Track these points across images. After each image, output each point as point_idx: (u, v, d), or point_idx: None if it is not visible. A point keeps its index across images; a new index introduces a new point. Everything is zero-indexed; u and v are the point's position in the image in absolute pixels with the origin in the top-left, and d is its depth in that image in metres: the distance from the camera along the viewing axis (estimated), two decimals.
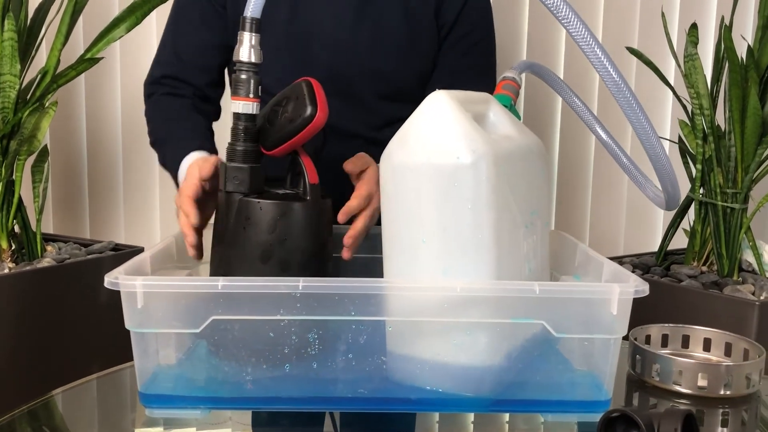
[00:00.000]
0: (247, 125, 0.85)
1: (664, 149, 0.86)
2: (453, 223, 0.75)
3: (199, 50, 1.17)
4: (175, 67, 1.18)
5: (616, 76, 0.78)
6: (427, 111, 0.77)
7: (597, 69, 0.80)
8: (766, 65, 1.40)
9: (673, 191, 0.92)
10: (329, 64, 1.13)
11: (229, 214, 0.85)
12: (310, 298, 0.71)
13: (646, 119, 0.81)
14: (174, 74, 1.18)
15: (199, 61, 1.17)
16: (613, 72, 0.78)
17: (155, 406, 0.76)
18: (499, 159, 0.76)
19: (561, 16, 0.75)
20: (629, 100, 0.80)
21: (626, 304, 0.73)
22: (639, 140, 0.84)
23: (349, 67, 1.14)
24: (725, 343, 0.95)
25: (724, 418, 0.82)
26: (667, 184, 0.90)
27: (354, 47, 1.14)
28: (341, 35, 1.13)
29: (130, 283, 0.70)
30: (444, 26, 1.18)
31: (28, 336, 1.33)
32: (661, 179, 0.90)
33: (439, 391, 0.77)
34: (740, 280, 1.43)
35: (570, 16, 0.75)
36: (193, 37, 1.17)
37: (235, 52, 0.83)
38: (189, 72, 1.17)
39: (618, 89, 0.79)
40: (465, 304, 0.74)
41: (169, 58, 1.19)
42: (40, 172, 1.48)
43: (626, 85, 0.80)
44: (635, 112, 0.80)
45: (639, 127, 0.82)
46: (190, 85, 1.18)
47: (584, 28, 0.76)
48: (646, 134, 0.82)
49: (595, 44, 0.77)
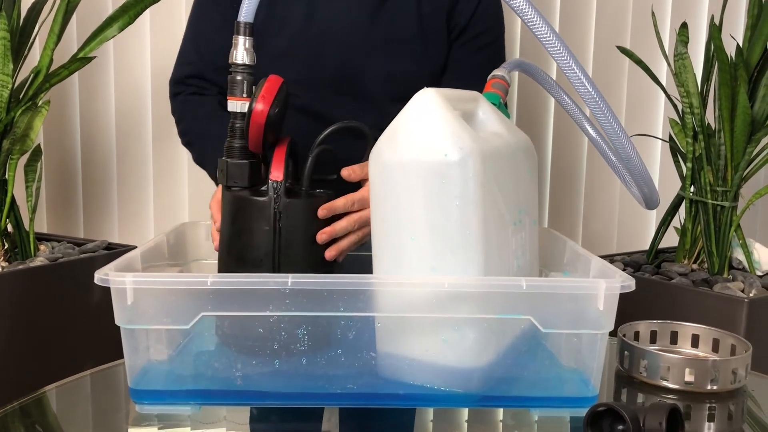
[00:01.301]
0: (242, 123, 0.86)
1: (636, 150, 0.86)
2: (441, 220, 0.76)
3: (221, 50, 1.14)
4: (199, 67, 1.20)
5: (580, 74, 0.79)
6: (416, 109, 0.78)
7: (563, 69, 0.81)
8: (755, 64, 1.41)
9: (649, 191, 0.92)
10: (343, 66, 1.14)
11: (228, 210, 0.86)
12: (300, 295, 0.72)
13: (615, 120, 0.82)
14: (198, 74, 1.20)
15: (222, 61, 1.15)
16: (577, 69, 0.78)
17: (146, 402, 0.77)
18: (487, 156, 0.77)
19: (516, 7, 0.75)
20: (597, 101, 0.81)
21: (613, 299, 0.74)
22: (610, 141, 0.85)
23: (362, 69, 1.15)
24: (713, 339, 0.95)
25: (710, 412, 0.82)
26: (641, 185, 0.91)
27: (367, 49, 1.14)
28: (355, 37, 1.13)
29: (120, 279, 0.71)
30: (456, 27, 1.19)
31: (21, 335, 1.34)
32: (635, 180, 0.91)
33: (427, 387, 0.77)
34: (730, 277, 1.44)
35: (528, 10, 0.75)
36: (215, 37, 1.17)
37: (230, 55, 0.86)
38: (212, 72, 1.18)
39: (585, 90, 0.79)
40: (453, 300, 0.74)
41: (193, 58, 1.21)
42: (33, 172, 1.49)
43: (594, 87, 0.80)
44: (604, 113, 0.81)
45: (609, 128, 0.83)
46: (214, 85, 1.20)
47: (548, 28, 0.76)
48: (615, 134, 0.83)
49: (556, 39, 0.77)
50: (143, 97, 1.82)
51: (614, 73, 1.93)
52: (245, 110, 0.87)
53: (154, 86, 1.81)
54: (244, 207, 0.85)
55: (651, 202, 0.96)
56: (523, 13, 0.75)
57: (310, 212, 0.86)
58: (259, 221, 0.84)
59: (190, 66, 1.21)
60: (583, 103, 0.85)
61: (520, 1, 0.74)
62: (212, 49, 1.18)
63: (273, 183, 0.85)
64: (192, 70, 1.21)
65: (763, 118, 1.41)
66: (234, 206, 0.86)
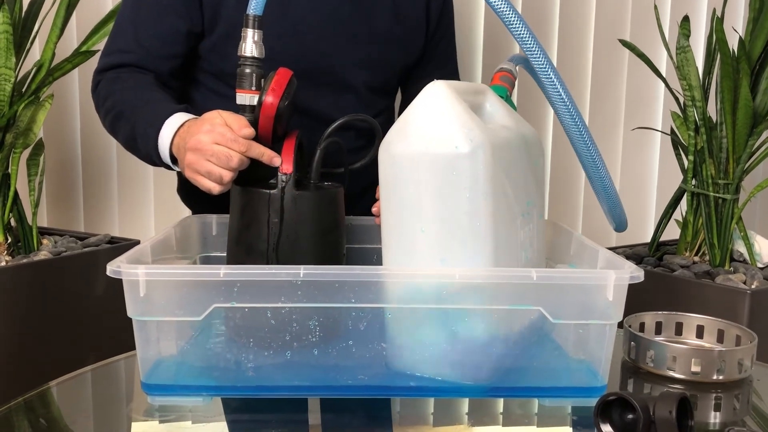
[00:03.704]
0: (251, 116, 0.87)
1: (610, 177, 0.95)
2: (451, 212, 0.76)
3: (162, 38, 1.09)
4: (137, 54, 1.09)
5: (552, 74, 0.85)
6: (426, 101, 0.78)
7: (541, 79, 0.87)
8: (757, 57, 1.42)
9: (614, 210, 1.00)
10: (324, 56, 1.14)
11: (237, 202, 0.87)
12: (311, 286, 0.72)
13: (594, 146, 0.89)
14: (134, 62, 1.10)
15: (163, 50, 1.09)
16: (549, 69, 0.84)
17: (157, 394, 0.77)
18: (496, 148, 0.77)
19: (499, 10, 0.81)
20: (582, 133, 0.88)
21: (622, 290, 0.74)
22: (576, 150, 0.90)
23: (344, 59, 1.15)
24: (718, 329, 0.96)
25: (716, 402, 0.83)
26: (613, 207, 0.99)
27: (349, 39, 1.14)
28: (333, 27, 1.13)
29: (133, 271, 0.71)
30: (431, 21, 1.24)
31: (25, 329, 1.34)
32: (610, 206, 0.99)
33: (438, 378, 0.78)
34: (732, 269, 1.45)
35: (510, 13, 0.81)
36: (158, 24, 1.09)
37: (239, 48, 0.86)
38: (151, 60, 1.09)
39: (563, 104, 0.86)
40: (463, 292, 0.75)
41: (130, 46, 1.10)
42: (35, 166, 1.48)
43: (572, 103, 0.87)
44: (583, 139, 0.88)
45: (586, 156, 0.89)
46: (151, 72, 1.10)
47: (529, 36, 0.82)
48: (583, 140, 0.89)
49: (534, 42, 0.83)
50: None
51: (614, 66, 1.94)
52: (254, 103, 0.87)
53: None
54: (254, 199, 0.85)
55: (620, 223, 1.03)
56: (510, 23, 0.79)
57: (319, 204, 0.86)
58: (268, 213, 0.84)
59: (124, 54, 1.10)
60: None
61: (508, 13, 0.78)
62: (152, 35, 1.09)
63: (282, 175, 0.85)
64: (126, 59, 1.10)
65: (764, 110, 1.42)
66: (243, 198, 0.86)
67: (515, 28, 0.81)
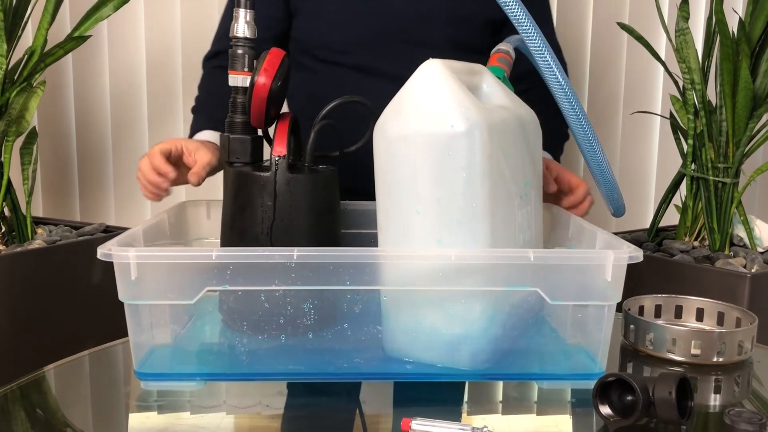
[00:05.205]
0: (244, 98, 0.85)
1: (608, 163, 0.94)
2: (447, 192, 0.75)
3: (259, 22, 1.16)
4: (226, 41, 1.18)
5: (549, 58, 0.83)
6: (421, 80, 0.77)
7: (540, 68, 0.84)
8: (757, 38, 1.40)
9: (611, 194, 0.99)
10: (401, 13, 1.13)
11: (230, 185, 0.86)
12: (305, 268, 0.71)
13: (592, 133, 0.88)
14: (225, 48, 1.17)
15: (260, 34, 1.17)
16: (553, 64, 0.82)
17: (150, 379, 0.76)
18: (494, 128, 0.76)
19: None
20: (580, 120, 0.87)
21: (620, 270, 0.73)
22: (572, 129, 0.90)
23: (422, 15, 1.13)
24: (717, 312, 0.95)
25: (716, 384, 0.82)
26: (611, 191, 0.98)
27: None
28: None
29: (124, 254, 0.70)
30: None
31: (19, 318, 1.33)
32: (608, 190, 0.98)
33: (434, 361, 0.77)
34: (731, 254, 1.44)
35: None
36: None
37: (231, 29, 0.85)
38: None
39: (559, 86, 0.84)
40: (460, 273, 0.74)
41: (223, 33, 1.23)
42: (29, 154, 1.47)
43: (571, 90, 0.85)
44: (581, 125, 0.87)
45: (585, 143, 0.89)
46: None
47: (525, 16, 0.80)
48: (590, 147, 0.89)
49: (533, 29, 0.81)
50: (138, 80, 1.80)
51: (613, 50, 1.92)
52: (246, 84, 0.86)
53: (149, 68, 1.79)
54: (247, 182, 0.84)
55: (618, 208, 1.03)
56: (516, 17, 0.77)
57: (313, 187, 0.85)
58: (261, 196, 0.83)
59: (218, 42, 1.25)
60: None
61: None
62: None
63: (275, 158, 0.84)
64: (219, 46, 1.24)
65: (764, 93, 1.40)
66: (236, 182, 0.85)
67: (510, 9, 0.80)
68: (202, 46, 1.30)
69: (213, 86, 1.22)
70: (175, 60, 1.78)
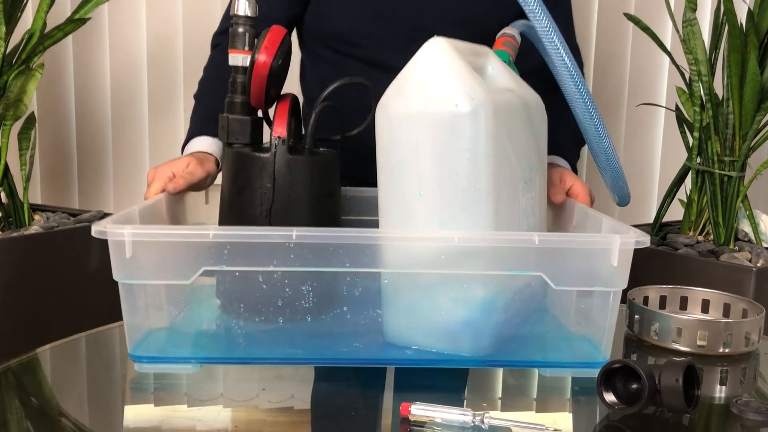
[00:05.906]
0: (244, 78, 0.84)
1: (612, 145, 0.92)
2: (450, 174, 0.73)
3: (268, 3, 1.11)
4: None
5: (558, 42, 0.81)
6: (425, 58, 0.75)
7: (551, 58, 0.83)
8: (765, 30, 1.38)
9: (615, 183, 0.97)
10: (413, 13, 1.11)
11: (229, 167, 0.84)
12: (304, 248, 0.69)
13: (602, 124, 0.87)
14: None
15: (265, 12, 1.08)
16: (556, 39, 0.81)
17: (144, 362, 0.74)
18: (499, 109, 0.74)
19: None
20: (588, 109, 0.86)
21: (627, 255, 0.72)
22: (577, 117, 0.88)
23: (435, 16, 1.12)
24: (723, 303, 0.94)
25: (722, 375, 0.81)
26: (616, 179, 0.96)
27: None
28: None
29: (119, 231, 0.68)
30: None
31: (16, 303, 1.31)
32: (613, 178, 0.95)
33: (435, 346, 0.75)
34: (736, 248, 1.42)
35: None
36: None
37: (231, 7, 0.83)
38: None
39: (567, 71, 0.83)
40: (462, 256, 0.72)
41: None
42: (27, 140, 1.45)
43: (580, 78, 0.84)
44: (588, 112, 0.86)
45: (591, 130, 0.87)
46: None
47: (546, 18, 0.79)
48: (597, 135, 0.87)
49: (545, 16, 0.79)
50: (139, 65, 1.78)
51: (619, 41, 1.90)
52: (247, 64, 0.84)
53: (150, 53, 1.77)
54: (246, 163, 0.82)
55: (623, 197, 1.01)
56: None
57: (313, 170, 0.83)
58: (261, 177, 0.81)
59: (228, 20, 1.21)
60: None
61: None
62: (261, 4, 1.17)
63: (275, 139, 0.82)
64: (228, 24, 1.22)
65: None
66: (235, 162, 0.83)
67: None
68: (205, 30, 1.28)
69: (219, 72, 1.14)
70: (177, 45, 1.77)
